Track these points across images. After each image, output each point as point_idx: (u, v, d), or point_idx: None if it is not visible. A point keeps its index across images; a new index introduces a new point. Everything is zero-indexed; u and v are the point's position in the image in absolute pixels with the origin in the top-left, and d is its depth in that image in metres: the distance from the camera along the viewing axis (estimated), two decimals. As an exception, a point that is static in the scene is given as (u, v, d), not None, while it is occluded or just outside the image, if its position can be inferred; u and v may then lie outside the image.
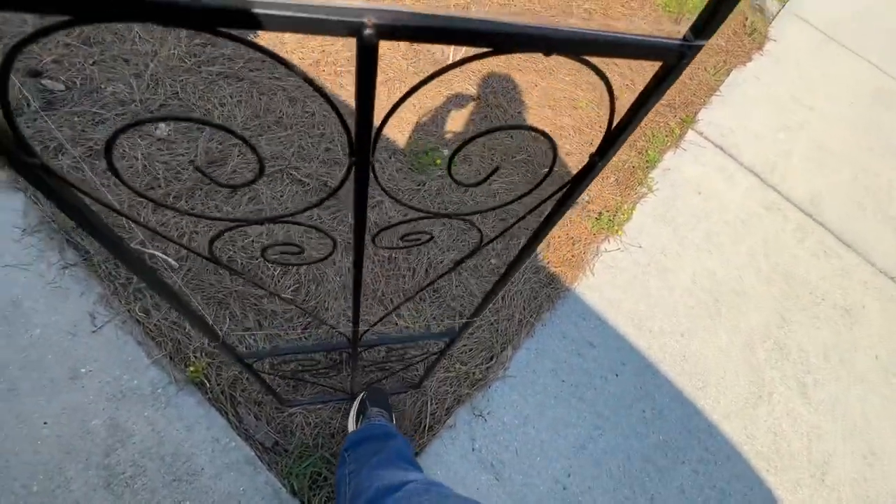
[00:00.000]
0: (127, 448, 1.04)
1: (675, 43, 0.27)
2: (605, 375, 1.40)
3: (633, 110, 0.33)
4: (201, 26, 0.20)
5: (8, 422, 1.01)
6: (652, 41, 0.27)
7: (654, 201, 1.82)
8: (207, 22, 0.20)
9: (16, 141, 0.24)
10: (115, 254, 0.37)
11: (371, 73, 0.25)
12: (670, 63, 0.28)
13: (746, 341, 1.59)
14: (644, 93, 0.31)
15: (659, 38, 0.27)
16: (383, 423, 1.02)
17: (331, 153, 1.54)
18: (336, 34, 0.22)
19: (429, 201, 1.55)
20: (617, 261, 1.63)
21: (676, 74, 0.29)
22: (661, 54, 0.28)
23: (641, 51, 0.27)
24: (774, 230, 1.90)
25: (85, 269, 1.19)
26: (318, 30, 0.22)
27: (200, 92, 1.53)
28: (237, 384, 1.15)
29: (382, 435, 0.93)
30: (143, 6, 0.19)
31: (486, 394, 1.29)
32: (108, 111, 1.42)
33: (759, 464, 1.39)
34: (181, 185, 1.35)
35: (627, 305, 1.55)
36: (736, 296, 1.68)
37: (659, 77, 0.30)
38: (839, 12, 3.05)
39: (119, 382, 1.10)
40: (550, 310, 1.47)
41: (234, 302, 1.24)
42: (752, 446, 1.41)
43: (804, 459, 1.43)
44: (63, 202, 0.29)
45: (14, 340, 1.08)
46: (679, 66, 0.28)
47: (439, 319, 1.36)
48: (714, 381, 1.49)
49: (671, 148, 2.00)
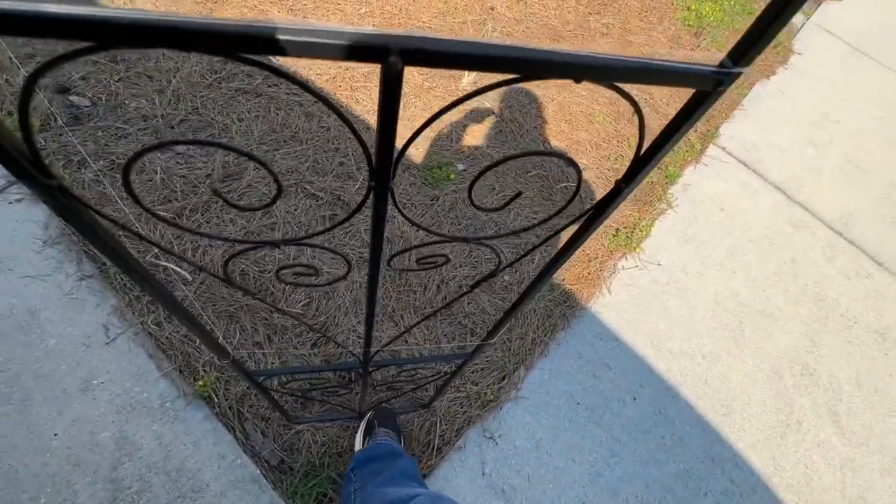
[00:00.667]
0: (134, 462, 1.04)
1: (712, 70, 0.25)
2: (623, 398, 1.35)
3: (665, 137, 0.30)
4: (224, 52, 0.20)
5: (19, 433, 1.01)
6: (686, 68, 0.24)
7: (673, 218, 1.77)
8: (230, 48, 0.20)
9: (34, 163, 0.24)
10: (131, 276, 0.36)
11: (395, 100, 0.24)
12: (705, 90, 0.26)
13: (773, 366, 1.52)
14: (676, 120, 0.29)
15: (694, 64, 0.25)
16: (389, 442, 1.00)
17: (344, 167, 1.55)
18: (360, 60, 0.21)
19: (442, 216, 1.54)
20: (635, 279, 1.58)
21: (711, 102, 0.27)
22: (696, 82, 0.26)
23: (676, 78, 0.25)
24: (803, 249, 1.82)
25: (101, 281, 1.21)
26: (343, 56, 0.21)
27: (220, 107, 1.56)
28: (245, 399, 1.14)
29: (389, 454, 0.91)
30: (166, 33, 0.18)
31: (497, 415, 1.25)
32: (131, 126, 1.45)
33: (789, 497, 1.31)
34: (197, 198, 1.37)
35: (646, 326, 1.49)
36: (762, 317, 1.61)
37: (692, 105, 0.28)
38: (866, 24, 2.97)
39: (129, 395, 1.10)
40: (565, 329, 1.42)
41: (244, 316, 1.23)
42: (780, 478, 1.33)
43: (837, 494, 1.34)
44: (79, 222, 0.29)
45: (30, 350, 1.10)
46: (714, 94, 0.26)
47: (451, 337, 1.34)
48: (739, 407, 1.41)
49: (692, 163, 1.95)
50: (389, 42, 0.20)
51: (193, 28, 0.18)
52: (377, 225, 0.34)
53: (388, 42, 0.20)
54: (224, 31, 0.19)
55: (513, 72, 0.23)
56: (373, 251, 0.37)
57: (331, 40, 0.20)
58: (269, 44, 0.19)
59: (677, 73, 0.25)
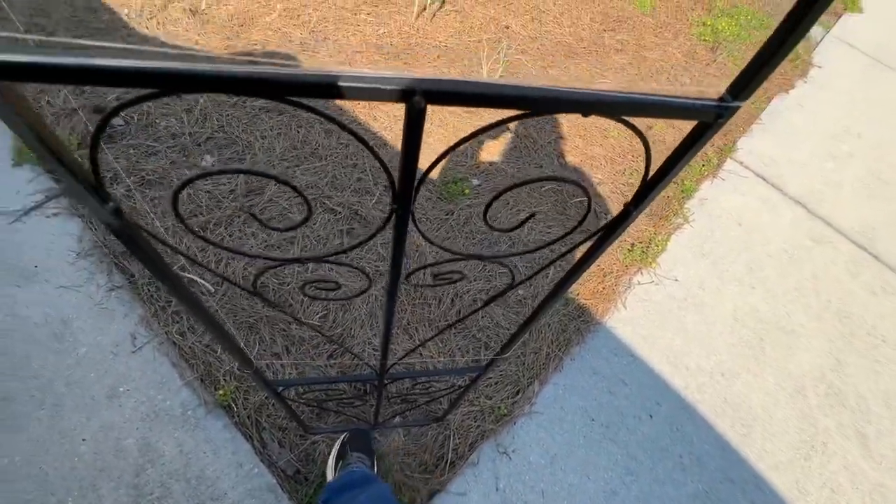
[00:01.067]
0: (156, 468, 1.07)
1: (712, 104, 0.27)
2: (639, 415, 1.33)
3: (669, 164, 0.32)
4: (272, 96, 0.23)
5: (51, 437, 1.06)
6: (688, 103, 0.26)
7: (690, 232, 1.76)
8: (278, 93, 0.22)
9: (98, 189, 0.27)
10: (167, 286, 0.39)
11: (418, 135, 0.26)
12: (707, 122, 0.28)
13: (796, 385, 1.48)
14: (680, 148, 0.31)
15: (695, 98, 0.27)
16: (363, 469, 0.98)
17: (362, 182, 1.59)
18: (388, 100, 0.24)
19: (457, 231, 1.56)
20: (651, 294, 1.57)
21: (713, 132, 0.29)
22: (698, 115, 0.27)
23: (678, 111, 0.27)
24: (825, 264, 1.78)
25: (129, 292, 1.26)
26: (374, 97, 0.23)
27: (244, 125, 1.62)
28: (263, 409, 1.17)
29: (362, 481, 0.89)
30: (224, 81, 0.21)
31: (511, 430, 1.25)
32: (161, 144, 1.52)
33: (814, 523, 1.26)
34: (221, 212, 1.42)
35: (662, 341, 1.48)
36: (783, 334, 1.57)
37: (695, 134, 0.29)
38: (886, 36, 2.93)
39: (153, 402, 1.13)
40: (580, 343, 1.42)
41: (263, 327, 1.27)
42: (804, 503, 1.28)
43: (867, 521, 1.29)
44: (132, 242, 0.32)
45: (62, 358, 1.15)
46: (716, 125, 0.28)
47: (465, 350, 1.35)
48: (760, 427, 1.38)
49: (708, 177, 1.94)
50: (414, 84, 0.23)
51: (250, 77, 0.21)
52: (398, 245, 0.36)
53: (414, 84, 0.23)
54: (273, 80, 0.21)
55: (525, 109, 0.25)
56: (393, 269, 0.40)
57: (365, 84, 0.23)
58: (312, 88, 0.22)
59: (679, 108, 0.27)
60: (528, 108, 0.25)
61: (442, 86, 0.23)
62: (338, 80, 0.22)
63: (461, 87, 0.24)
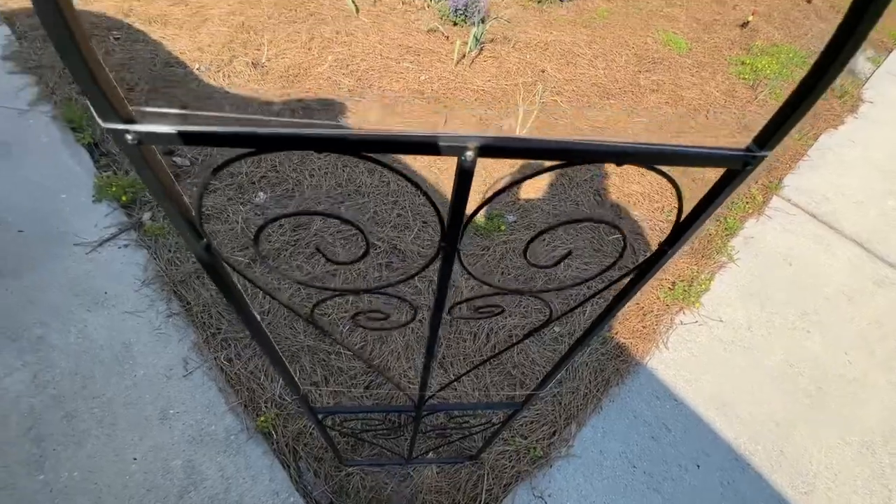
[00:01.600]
0: (199, 491, 1.10)
1: (739, 154, 0.29)
2: (685, 465, 1.26)
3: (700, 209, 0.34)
4: (351, 152, 0.27)
5: (106, 455, 1.12)
6: (715, 153, 0.29)
7: (735, 272, 1.70)
8: (355, 149, 0.27)
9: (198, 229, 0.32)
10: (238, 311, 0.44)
11: (468, 184, 0.30)
12: (735, 170, 0.30)
13: (864, 440, 1.35)
14: (710, 194, 0.33)
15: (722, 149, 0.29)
16: None
17: (402, 218, 1.65)
18: (443, 154, 0.27)
19: (493, 265, 1.58)
20: (694, 335, 1.51)
21: (741, 179, 0.30)
22: (726, 163, 0.30)
23: (706, 161, 0.29)
24: (889, 308, 1.66)
25: (185, 318, 1.35)
26: (431, 152, 0.27)
27: (294, 165, 1.75)
28: (301, 438, 1.19)
29: None
30: (312, 140, 0.26)
31: (547, 473, 1.20)
32: (220, 182, 1.66)
33: None
34: (270, 245, 1.52)
35: (708, 386, 1.41)
36: (845, 383, 1.46)
37: (725, 179, 0.31)
38: (948, 70, 2.80)
39: (200, 426, 1.19)
40: (619, 384, 1.37)
41: (304, 356, 1.31)
42: (882, 576, 1.15)
43: None
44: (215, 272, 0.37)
45: (122, 379, 1.23)
46: (744, 173, 0.30)
47: (499, 387, 1.33)
48: (823, 485, 1.26)
49: (753, 215, 1.88)
50: (467, 142, 0.26)
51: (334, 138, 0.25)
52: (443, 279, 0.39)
53: (467, 142, 0.26)
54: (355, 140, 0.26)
55: (564, 160, 0.28)
56: (437, 303, 0.42)
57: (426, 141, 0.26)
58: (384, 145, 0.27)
59: (708, 157, 0.29)
60: (568, 159, 0.28)
61: (491, 143, 0.27)
62: (406, 138, 0.26)
63: (508, 143, 0.27)
